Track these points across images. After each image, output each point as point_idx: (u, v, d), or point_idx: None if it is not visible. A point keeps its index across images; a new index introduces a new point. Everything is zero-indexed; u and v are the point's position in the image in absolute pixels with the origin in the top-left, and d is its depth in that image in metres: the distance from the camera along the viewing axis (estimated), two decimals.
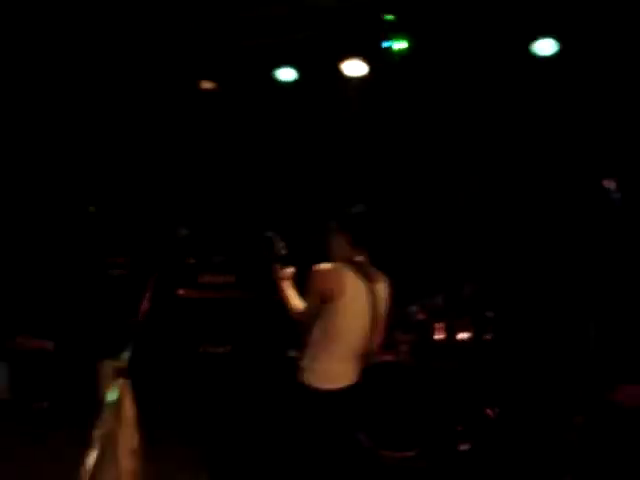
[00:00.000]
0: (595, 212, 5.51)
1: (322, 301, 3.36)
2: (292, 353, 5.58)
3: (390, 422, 5.34)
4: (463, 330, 6.04)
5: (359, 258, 3.50)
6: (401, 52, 6.33)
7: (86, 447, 3.32)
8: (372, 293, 3.49)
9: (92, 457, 3.28)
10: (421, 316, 6.03)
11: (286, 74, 6.85)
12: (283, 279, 3.68)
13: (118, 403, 3.45)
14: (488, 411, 5.70)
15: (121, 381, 3.41)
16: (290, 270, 3.72)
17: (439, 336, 6.01)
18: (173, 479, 4.85)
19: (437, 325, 6.03)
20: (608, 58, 6.16)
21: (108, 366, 3.45)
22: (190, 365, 6.25)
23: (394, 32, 6.21)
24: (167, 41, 6.64)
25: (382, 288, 3.58)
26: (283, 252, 3.74)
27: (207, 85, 7.02)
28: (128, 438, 3.55)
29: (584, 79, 6.38)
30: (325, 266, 3.41)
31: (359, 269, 3.46)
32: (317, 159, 7.54)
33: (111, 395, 3.35)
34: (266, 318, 6.81)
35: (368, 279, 3.48)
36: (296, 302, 3.59)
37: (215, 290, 6.88)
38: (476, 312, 6.14)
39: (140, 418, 3.72)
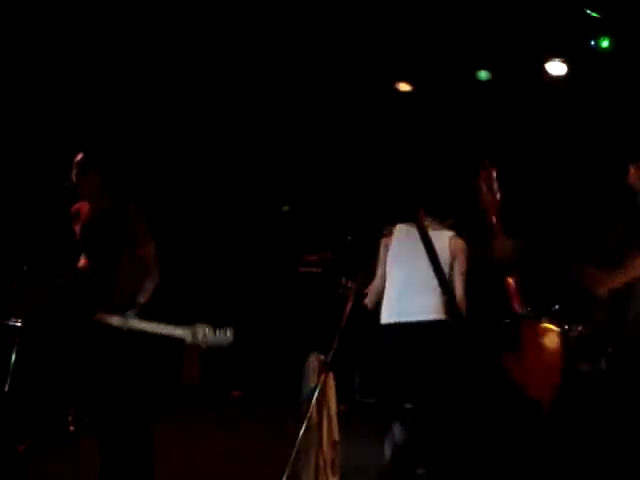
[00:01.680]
0: None
1: None
2: None
3: None
4: None
5: None
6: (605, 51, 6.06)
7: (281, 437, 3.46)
8: None
9: (296, 449, 3.41)
10: None
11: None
12: None
13: (322, 396, 3.57)
14: None
15: (325, 375, 3.52)
16: None
17: None
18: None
19: None
20: None
21: (314, 360, 3.58)
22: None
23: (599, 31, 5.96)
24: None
25: None
26: None
27: (404, 87, 7.06)
28: (330, 430, 3.67)
29: None
30: None
31: None
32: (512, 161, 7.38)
33: (316, 388, 3.47)
34: None
35: None
36: None
37: None
38: None
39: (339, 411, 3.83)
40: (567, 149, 7.13)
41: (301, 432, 3.39)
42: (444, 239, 4.08)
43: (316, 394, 3.45)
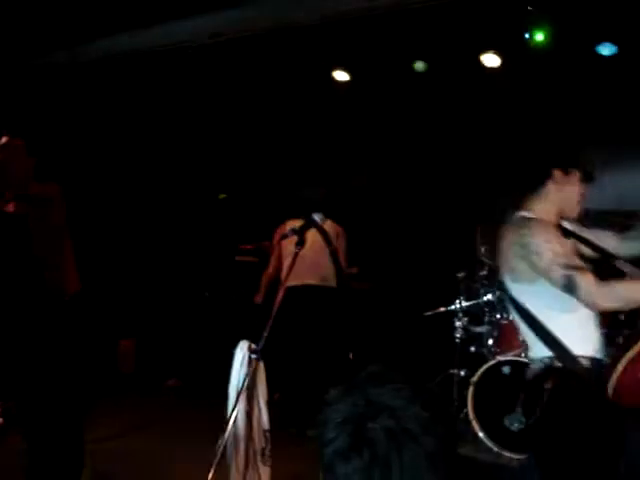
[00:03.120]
0: None
1: None
2: None
3: None
4: None
5: None
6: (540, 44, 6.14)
7: (218, 427, 3.44)
8: None
9: (225, 437, 3.40)
10: None
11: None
12: None
13: (252, 385, 3.55)
14: None
15: (255, 363, 3.51)
16: None
17: None
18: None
19: None
20: None
21: (244, 348, 3.55)
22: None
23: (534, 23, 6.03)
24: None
25: None
26: None
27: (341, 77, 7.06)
28: (260, 419, 3.65)
29: None
30: None
31: None
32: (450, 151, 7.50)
33: (245, 377, 3.46)
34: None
35: None
36: None
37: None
38: None
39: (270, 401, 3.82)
40: (501, 140, 7.25)
41: (230, 421, 3.37)
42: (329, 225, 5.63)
43: (246, 382, 3.43)
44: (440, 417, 1.41)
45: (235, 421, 3.43)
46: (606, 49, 6.09)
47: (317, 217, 3.77)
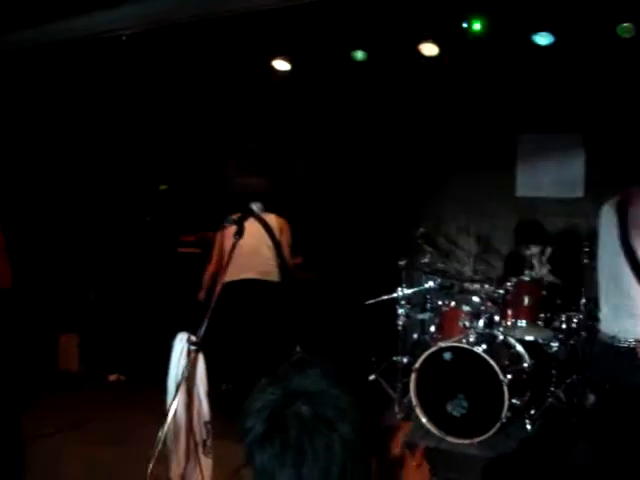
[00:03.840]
0: None
1: None
2: None
3: None
4: None
5: None
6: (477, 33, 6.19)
7: (160, 420, 3.41)
8: None
9: (165, 429, 3.36)
10: None
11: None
12: None
13: (191, 376, 3.52)
14: None
15: (194, 355, 3.47)
16: None
17: None
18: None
19: None
20: None
21: (182, 340, 3.52)
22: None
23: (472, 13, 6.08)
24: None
25: None
26: None
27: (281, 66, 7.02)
28: (201, 411, 3.62)
29: None
30: None
31: None
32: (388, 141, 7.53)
33: (184, 368, 3.42)
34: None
35: None
36: None
37: None
38: None
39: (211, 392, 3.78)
40: (440, 128, 7.34)
41: (169, 414, 3.34)
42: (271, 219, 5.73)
43: (185, 374, 3.40)
44: (360, 403, 1.40)
45: (175, 413, 3.40)
46: (543, 38, 6.17)
47: (255, 207, 3.75)
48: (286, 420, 1.35)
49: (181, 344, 3.51)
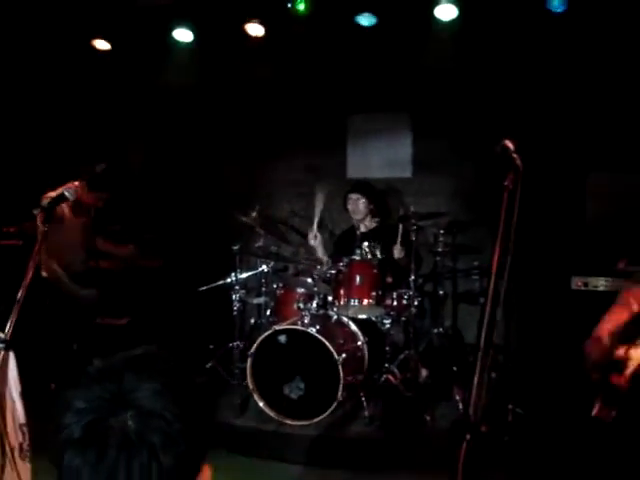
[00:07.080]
0: None
1: None
2: None
3: None
4: None
5: None
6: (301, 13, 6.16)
7: None
8: None
9: None
10: None
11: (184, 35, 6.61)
12: None
13: (2, 377, 3.27)
14: None
15: (3, 354, 3.23)
16: None
17: None
18: None
19: None
20: None
21: None
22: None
23: None
24: None
25: None
26: None
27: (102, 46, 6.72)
28: (15, 413, 3.38)
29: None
30: None
31: None
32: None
33: None
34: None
35: None
36: None
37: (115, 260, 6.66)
38: None
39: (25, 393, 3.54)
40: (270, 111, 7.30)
41: None
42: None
43: None
44: (191, 433, 1.28)
45: None
46: (365, 20, 6.24)
47: (68, 192, 3.52)
48: (108, 432, 1.22)
49: None
